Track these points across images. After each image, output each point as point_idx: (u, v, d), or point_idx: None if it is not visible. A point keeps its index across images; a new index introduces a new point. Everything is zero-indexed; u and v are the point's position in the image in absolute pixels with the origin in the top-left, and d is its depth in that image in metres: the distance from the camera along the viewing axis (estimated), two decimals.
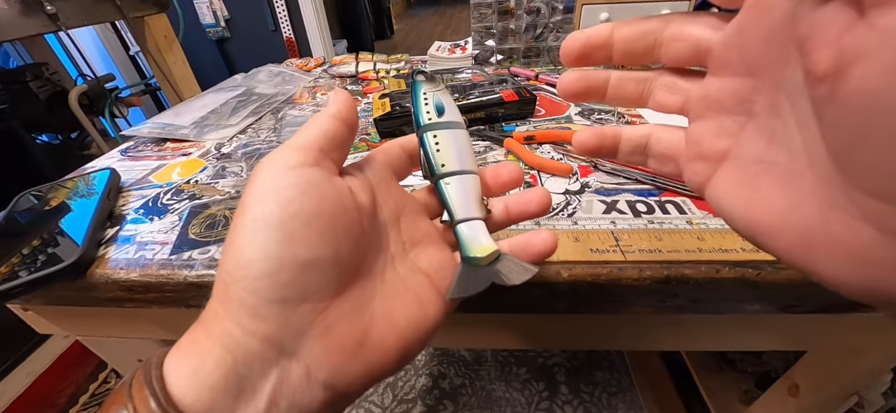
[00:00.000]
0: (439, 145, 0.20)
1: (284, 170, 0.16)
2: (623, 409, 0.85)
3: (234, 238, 0.15)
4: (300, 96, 0.62)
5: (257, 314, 0.14)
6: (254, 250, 0.14)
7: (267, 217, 0.15)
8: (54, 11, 0.79)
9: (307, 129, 0.17)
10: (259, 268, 0.14)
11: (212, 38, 2.20)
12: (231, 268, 0.15)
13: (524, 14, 0.62)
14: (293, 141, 0.17)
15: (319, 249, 0.15)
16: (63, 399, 0.97)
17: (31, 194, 0.36)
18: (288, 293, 0.14)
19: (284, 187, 0.15)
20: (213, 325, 0.15)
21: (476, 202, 0.20)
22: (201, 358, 0.14)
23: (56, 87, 1.11)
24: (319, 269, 0.15)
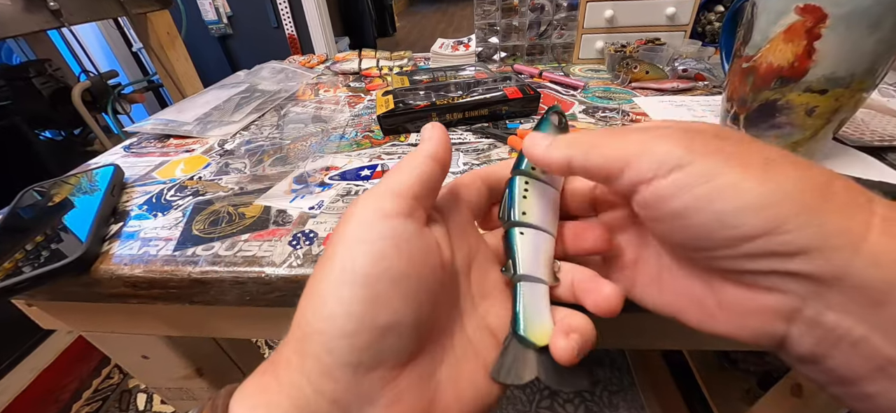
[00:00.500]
0: (527, 192, 0.19)
1: (379, 217, 0.15)
2: (624, 408, 0.85)
3: (318, 283, 0.14)
4: (303, 93, 0.62)
5: (330, 374, 0.13)
6: (336, 305, 0.14)
7: (355, 271, 0.14)
8: (57, 7, 0.79)
9: (403, 172, 0.16)
10: (339, 326, 0.13)
11: (214, 35, 2.20)
12: (311, 317, 0.14)
13: (528, 11, 0.62)
14: (389, 183, 0.16)
15: (401, 313, 0.14)
16: (66, 394, 0.97)
17: (34, 190, 0.36)
18: (363, 357, 0.14)
19: (377, 238, 0.14)
20: (284, 374, 0.14)
21: (546, 264, 0.18)
22: (270, 408, 0.14)
23: (59, 83, 1.11)
24: (398, 334, 0.14)
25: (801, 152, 0.32)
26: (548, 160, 0.17)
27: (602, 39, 0.61)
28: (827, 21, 0.26)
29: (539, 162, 0.18)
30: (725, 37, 0.42)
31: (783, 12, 0.28)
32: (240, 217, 0.32)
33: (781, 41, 0.28)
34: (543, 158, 0.17)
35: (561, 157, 0.16)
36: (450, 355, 0.16)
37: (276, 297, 0.27)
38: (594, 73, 0.60)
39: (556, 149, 0.17)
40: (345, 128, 0.48)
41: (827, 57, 0.27)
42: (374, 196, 0.16)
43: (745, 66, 0.31)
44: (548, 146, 0.17)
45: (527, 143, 0.18)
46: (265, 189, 0.36)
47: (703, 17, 0.64)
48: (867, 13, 0.25)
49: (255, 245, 0.29)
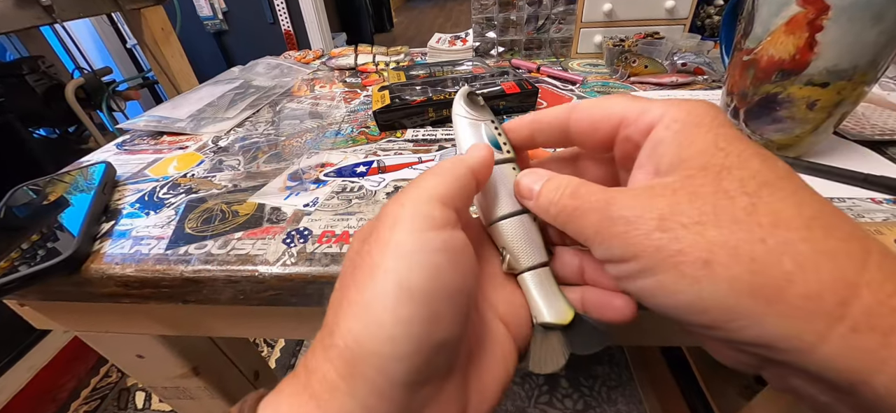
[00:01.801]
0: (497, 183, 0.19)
1: (430, 227, 0.14)
2: (623, 403, 0.85)
3: (366, 300, 0.13)
4: (298, 89, 0.61)
5: (383, 395, 0.13)
6: (395, 325, 0.13)
7: (413, 288, 0.13)
8: (49, 3, 0.78)
9: (447, 178, 0.16)
10: (397, 348, 0.13)
11: (209, 31, 2.19)
12: (362, 338, 0.13)
13: (526, 5, 0.61)
14: (433, 189, 0.15)
15: (454, 328, 0.14)
16: (64, 393, 0.97)
17: (27, 188, 0.36)
18: (418, 377, 0.13)
19: (432, 251, 0.14)
20: (326, 396, 0.13)
21: (539, 245, 0.18)
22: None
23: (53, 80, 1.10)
24: (450, 350, 0.14)
25: (803, 146, 0.32)
26: (541, 214, 0.18)
27: (600, 33, 0.61)
28: (829, 12, 0.25)
29: (535, 212, 0.18)
30: (725, 30, 0.42)
31: (785, 4, 0.27)
32: (233, 215, 0.31)
33: (783, 33, 0.28)
34: (536, 211, 0.18)
35: (549, 219, 0.17)
36: (475, 354, 0.16)
37: (270, 295, 0.27)
38: (593, 67, 0.59)
39: (541, 208, 0.17)
40: (340, 124, 0.47)
41: (829, 49, 0.26)
42: (419, 202, 0.15)
43: (746, 59, 0.31)
44: (536, 198, 0.17)
45: (519, 190, 0.18)
46: (259, 186, 0.35)
47: (702, 10, 0.63)
48: (870, 4, 0.24)
49: (248, 243, 0.28)
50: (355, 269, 0.14)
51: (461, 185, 0.16)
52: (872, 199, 0.27)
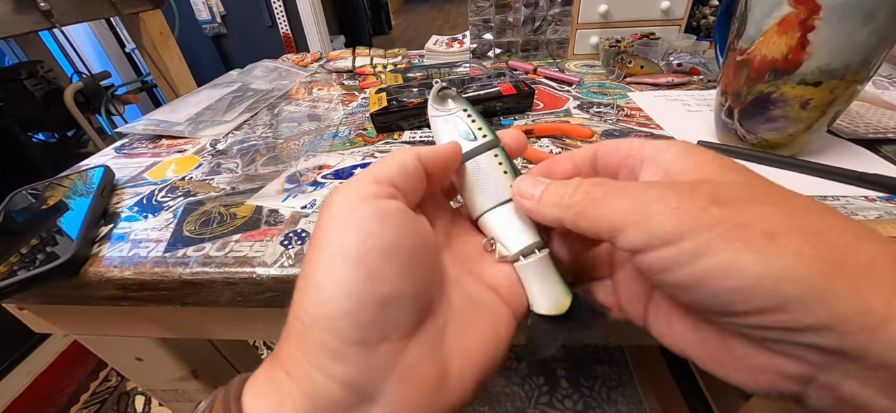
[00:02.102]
0: (477, 177, 0.19)
1: (360, 200, 0.15)
2: (623, 404, 0.85)
3: (309, 275, 0.14)
4: (296, 92, 0.62)
5: (338, 357, 0.13)
6: (334, 287, 0.14)
7: (346, 250, 0.14)
8: (48, 8, 0.78)
9: (385, 163, 0.17)
10: (338, 306, 0.13)
11: (208, 35, 2.19)
12: (309, 307, 0.14)
13: (522, 7, 0.61)
14: (368, 171, 0.16)
15: (398, 284, 0.14)
16: (64, 398, 0.97)
17: (26, 192, 0.36)
18: (368, 333, 0.14)
19: (362, 218, 0.14)
20: (293, 368, 0.14)
21: (530, 228, 0.18)
22: (281, 397, 0.14)
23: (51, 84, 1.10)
24: (400, 306, 0.14)
25: (797, 145, 0.32)
26: (538, 216, 0.17)
27: (597, 34, 0.61)
28: (820, 12, 0.26)
29: (530, 213, 0.17)
30: (720, 30, 0.42)
31: (777, 4, 0.27)
32: (231, 217, 0.32)
33: (775, 33, 0.28)
34: (532, 213, 0.17)
35: (551, 216, 0.16)
36: (452, 321, 0.17)
37: (268, 297, 0.27)
38: (589, 68, 0.59)
39: (546, 206, 0.16)
40: (338, 126, 0.47)
41: (821, 49, 0.27)
42: (352, 183, 0.16)
43: (739, 60, 0.31)
44: (538, 201, 0.17)
45: (517, 192, 0.18)
46: (257, 189, 0.35)
47: (697, 11, 0.63)
48: (861, 4, 0.25)
49: (246, 245, 0.28)
50: (307, 254, 0.16)
51: (401, 168, 0.17)
52: (866, 198, 0.28)
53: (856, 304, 0.11)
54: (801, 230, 0.11)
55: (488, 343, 0.17)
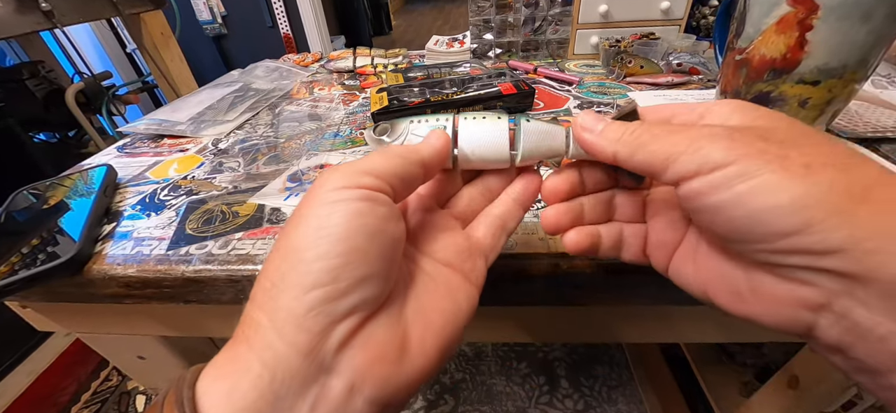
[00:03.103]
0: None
1: (351, 187, 0.15)
2: (623, 403, 0.85)
3: (289, 244, 0.15)
4: (297, 91, 0.62)
5: (303, 325, 0.14)
6: (314, 259, 0.14)
7: (332, 226, 0.14)
8: (49, 8, 0.78)
9: (377, 159, 0.17)
10: (316, 277, 0.14)
11: (209, 35, 2.19)
12: (285, 274, 0.14)
13: (522, 7, 0.62)
14: (366, 162, 0.17)
15: (375, 266, 0.15)
16: (65, 397, 0.97)
17: (28, 192, 0.36)
18: (338, 306, 0.14)
19: (352, 199, 0.15)
20: (255, 336, 0.14)
21: (548, 125, 0.20)
22: (238, 377, 0.14)
23: (53, 85, 1.11)
24: (372, 285, 0.15)
25: None
26: (595, 148, 0.18)
27: (597, 34, 0.61)
28: (818, 12, 0.26)
29: (588, 147, 0.18)
30: (719, 30, 0.42)
31: (775, 4, 0.28)
32: (233, 216, 0.32)
33: (774, 33, 0.28)
34: (591, 145, 0.18)
35: (610, 150, 0.17)
36: (412, 294, 0.17)
37: None
38: (589, 68, 0.60)
39: (605, 139, 0.17)
40: (339, 126, 0.47)
41: (819, 48, 0.27)
42: (348, 169, 0.16)
43: (739, 59, 0.31)
44: (599, 133, 0.18)
45: (580, 123, 0.19)
46: (259, 187, 0.36)
47: (697, 11, 0.64)
48: (858, 4, 0.25)
49: (248, 243, 0.28)
50: (286, 227, 0.16)
51: (399, 168, 0.17)
52: None
53: (874, 229, 0.12)
54: (835, 165, 0.13)
55: (447, 310, 0.17)
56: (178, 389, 0.14)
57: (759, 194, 0.13)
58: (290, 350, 0.14)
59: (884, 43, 0.26)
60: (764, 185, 0.13)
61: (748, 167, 0.13)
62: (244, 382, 0.13)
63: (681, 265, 0.19)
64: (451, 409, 0.87)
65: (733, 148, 0.14)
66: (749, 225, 0.14)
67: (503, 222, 0.21)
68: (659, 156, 0.16)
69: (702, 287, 0.18)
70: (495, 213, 0.21)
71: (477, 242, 0.20)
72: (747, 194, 0.13)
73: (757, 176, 0.13)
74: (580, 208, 0.20)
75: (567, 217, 0.20)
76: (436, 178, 0.21)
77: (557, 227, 0.20)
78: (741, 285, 0.16)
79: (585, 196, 0.21)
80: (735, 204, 0.14)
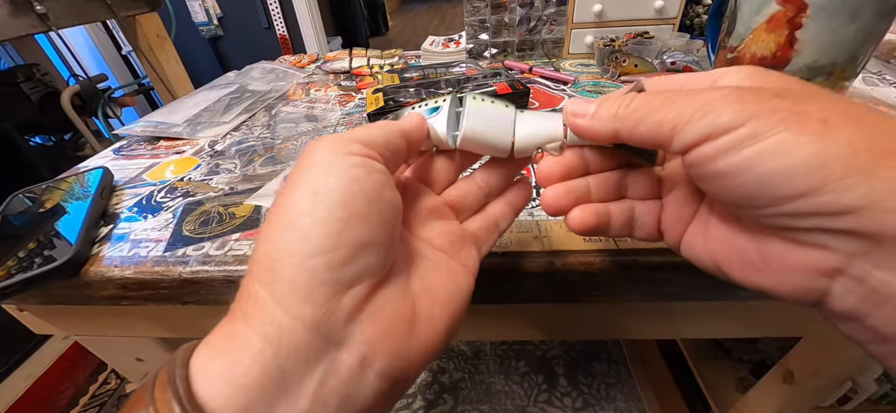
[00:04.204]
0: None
1: (346, 153, 0.15)
2: (622, 400, 0.86)
3: (285, 213, 0.14)
4: (294, 93, 0.62)
5: (308, 296, 0.13)
6: (312, 225, 0.13)
7: (330, 190, 0.14)
8: (44, 11, 0.78)
9: (370, 129, 0.17)
10: (316, 244, 0.13)
11: (205, 37, 2.18)
12: (281, 243, 0.14)
13: (517, 7, 0.62)
14: (355, 132, 0.16)
15: (376, 231, 0.15)
16: (63, 401, 0.96)
17: (23, 195, 0.36)
18: (342, 274, 0.13)
19: (349, 165, 0.15)
20: (253, 311, 0.13)
21: (546, 114, 0.20)
22: (237, 353, 0.13)
23: (48, 87, 1.11)
24: (375, 250, 0.15)
25: None
26: (592, 132, 0.17)
27: (591, 34, 0.61)
28: (807, 11, 0.26)
29: (584, 133, 0.18)
30: (711, 28, 0.43)
31: (765, 2, 0.28)
32: (230, 217, 0.32)
33: (764, 31, 0.29)
34: (588, 130, 0.17)
35: (608, 129, 0.16)
36: (415, 272, 0.17)
37: None
38: (584, 67, 0.60)
39: (601, 121, 0.17)
40: (336, 126, 0.48)
41: (808, 46, 0.27)
42: (339, 136, 0.16)
43: (730, 57, 0.32)
44: (592, 117, 0.17)
45: (569, 111, 0.18)
46: (256, 189, 0.36)
47: (690, 9, 0.64)
48: (846, 2, 0.25)
49: (245, 244, 0.29)
50: (279, 197, 0.15)
51: (386, 138, 0.17)
52: None
53: (892, 186, 0.11)
54: (853, 120, 0.12)
55: (451, 288, 0.18)
56: (170, 369, 0.13)
57: (772, 155, 0.12)
58: (295, 322, 0.13)
59: (872, 40, 0.27)
60: (777, 144, 0.12)
61: (760, 127, 0.12)
62: (245, 358, 0.12)
63: (692, 239, 0.18)
64: (451, 408, 0.87)
65: (745, 109, 0.13)
66: (759, 188, 0.13)
67: (496, 221, 0.21)
68: (665, 125, 0.15)
69: (713, 259, 0.17)
70: (490, 210, 0.22)
71: (470, 232, 0.21)
72: (758, 156, 0.12)
73: (770, 135, 0.12)
74: (585, 188, 0.19)
75: (569, 198, 0.19)
76: (432, 160, 0.21)
77: (557, 208, 0.19)
78: (753, 255, 0.15)
79: (592, 175, 0.20)
80: (745, 168, 0.13)
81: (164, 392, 0.12)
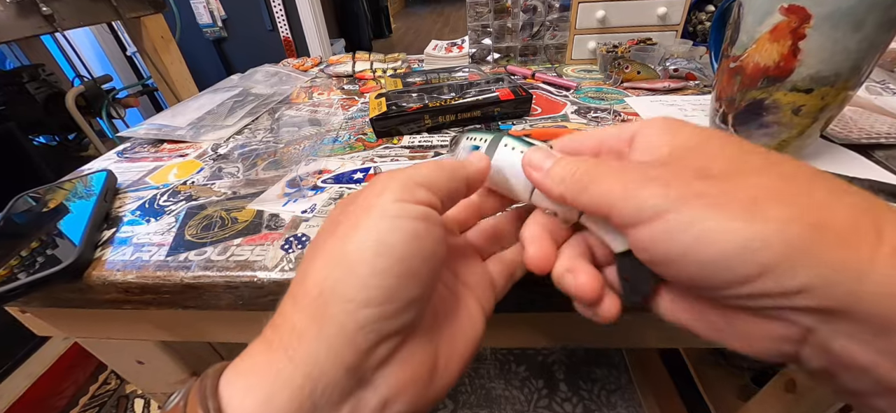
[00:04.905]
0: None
1: (410, 202, 0.15)
2: (622, 407, 0.85)
3: (343, 252, 0.14)
4: (297, 96, 0.62)
5: (352, 342, 0.13)
6: (371, 276, 0.14)
7: (393, 245, 0.14)
8: (50, 12, 0.79)
9: (438, 171, 0.17)
10: (372, 296, 0.14)
11: (209, 38, 2.20)
12: (337, 287, 0.14)
13: (521, 12, 0.62)
14: (421, 174, 0.16)
15: (425, 289, 0.15)
16: (63, 401, 0.97)
17: (28, 196, 0.36)
18: (389, 326, 0.14)
19: (413, 218, 0.15)
20: (297, 346, 0.13)
21: None
22: (276, 386, 0.13)
23: (53, 88, 1.11)
24: (418, 306, 0.15)
25: (790, 150, 0.32)
26: (545, 190, 0.18)
27: (594, 40, 0.62)
28: (811, 21, 0.26)
29: (537, 184, 0.18)
30: (714, 36, 0.43)
31: (768, 12, 0.28)
32: (232, 221, 0.32)
33: (767, 41, 0.29)
34: (539, 183, 0.18)
35: (557, 192, 0.17)
36: (442, 320, 0.18)
37: (269, 300, 0.27)
38: (587, 73, 0.60)
39: (551, 180, 0.17)
40: (338, 131, 0.48)
41: (812, 56, 0.27)
42: (406, 180, 0.16)
43: (733, 66, 0.32)
44: (545, 174, 0.17)
45: (526, 162, 0.18)
46: (258, 193, 0.36)
47: (693, 16, 0.64)
48: (850, 13, 0.25)
49: (247, 249, 0.29)
50: (337, 226, 0.15)
51: (449, 184, 0.17)
52: None
53: (840, 258, 0.11)
54: (783, 194, 0.12)
55: (469, 333, 0.18)
56: (201, 394, 0.13)
57: (705, 244, 0.12)
58: (336, 364, 0.13)
59: (876, 51, 0.27)
60: (708, 233, 0.12)
61: (687, 215, 0.12)
62: (283, 393, 0.13)
63: (660, 300, 0.17)
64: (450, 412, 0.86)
65: (668, 193, 0.13)
66: (703, 274, 0.13)
67: (512, 271, 0.21)
68: (602, 202, 0.15)
69: (684, 323, 0.16)
70: (507, 259, 0.22)
71: (491, 276, 0.21)
72: (694, 245, 0.12)
73: (698, 223, 0.12)
74: (586, 249, 0.18)
75: (554, 255, 0.18)
76: (465, 202, 0.21)
77: (541, 267, 0.18)
78: (720, 323, 0.15)
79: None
80: (681, 254, 0.13)
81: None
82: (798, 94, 0.29)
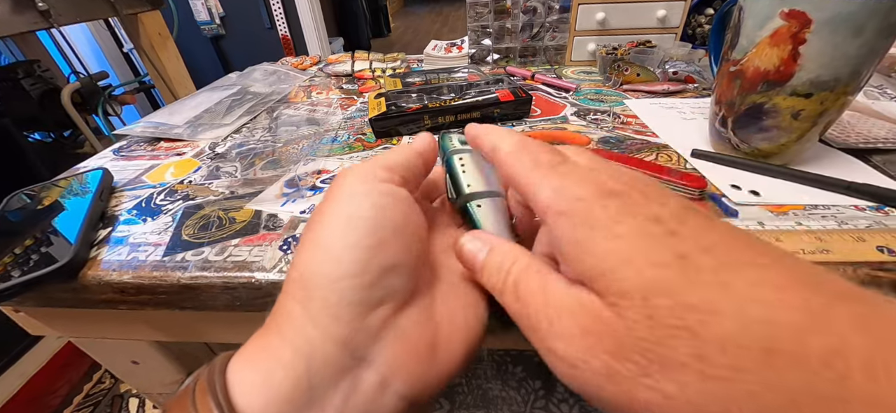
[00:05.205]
0: (465, 167, 0.21)
1: (375, 180, 0.17)
2: None
3: (317, 236, 0.15)
4: (295, 95, 0.62)
5: (337, 315, 0.14)
6: (344, 249, 0.15)
7: (362, 217, 0.15)
8: (46, 8, 0.78)
9: (393, 154, 0.19)
10: (346, 267, 0.14)
11: (207, 36, 2.19)
12: (315, 266, 0.15)
13: (520, 13, 0.62)
14: (381, 159, 0.18)
15: (401, 256, 0.16)
16: (57, 400, 0.96)
17: (23, 193, 0.36)
18: (369, 295, 0.15)
19: (378, 194, 0.16)
20: (287, 327, 0.15)
21: (507, 226, 0.19)
22: (272, 365, 0.14)
23: (48, 84, 1.10)
24: (399, 274, 0.16)
25: (789, 154, 0.32)
26: (480, 281, 0.18)
27: (594, 42, 0.62)
28: (811, 26, 0.26)
29: (473, 276, 0.18)
30: (714, 40, 0.43)
31: (769, 17, 0.28)
32: (230, 221, 0.32)
33: (767, 45, 0.29)
34: (477, 277, 0.18)
35: (490, 285, 0.17)
36: (439, 298, 0.18)
37: (267, 302, 0.27)
38: (586, 75, 0.60)
39: (486, 275, 0.17)
40: (337, 130, 0.47)
41: (812, 61, 0.27)
42: (366, 165, 0.18)
43: (733, 70, 0.32)
44: (480, 271, 0.18)
45: (457, 251, 0.19)
46: (256, 193, 0.35)
47: (693, 19, 0.64)
48: (850, 18, 0.25)
49: (245, 250, 0.28)
50: (312, 221, 0.16)
51: (406, 161, 0.19)
52: (856, 207, 0.28)
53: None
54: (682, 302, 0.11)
55: (471, 316, 0.18)
56: (209, 377, 0.14)
57: (622, 402, 0.12)
58: (326, 339, 0.14)
59: (875, 56, 0.27)
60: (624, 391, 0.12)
61: (608, 374, 0.12)
62: (278, 371, 0.14)
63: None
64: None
65: (587, 345, 0.13)
66: None
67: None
68: (523, 322, 0.15)
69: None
70: None
71: None
72: (619, 397, 0.12)
73: (618, 383, 0.12)
74: None
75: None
76: None
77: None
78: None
79: None
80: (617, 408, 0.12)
81: (204, 398, 0.13)
82: (798, 98, 0.29)
